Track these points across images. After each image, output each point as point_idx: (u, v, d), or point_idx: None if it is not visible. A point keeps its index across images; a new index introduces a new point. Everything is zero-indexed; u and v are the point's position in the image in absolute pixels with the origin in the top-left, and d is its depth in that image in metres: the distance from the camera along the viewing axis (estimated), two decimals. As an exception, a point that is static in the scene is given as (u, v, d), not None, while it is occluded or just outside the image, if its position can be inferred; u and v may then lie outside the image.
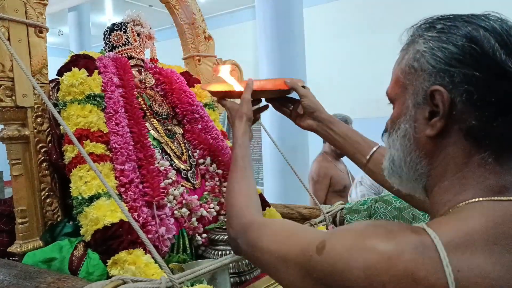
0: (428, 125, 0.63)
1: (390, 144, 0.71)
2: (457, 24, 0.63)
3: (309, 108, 1.16)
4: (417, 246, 0.53)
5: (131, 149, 1.19)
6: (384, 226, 0.58)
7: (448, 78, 0.60)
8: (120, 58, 1.40)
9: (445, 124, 0.61)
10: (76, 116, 1.17)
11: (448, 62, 0.60)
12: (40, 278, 0.91)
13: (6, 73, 1.14)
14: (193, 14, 1.81)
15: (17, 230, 1.16)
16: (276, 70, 4.83)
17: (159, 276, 0.88)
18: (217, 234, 1.18)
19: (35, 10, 1.21)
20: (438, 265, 0.51)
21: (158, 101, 1.46)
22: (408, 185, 0.70)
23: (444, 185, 0.63)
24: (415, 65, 0.64)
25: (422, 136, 0.64)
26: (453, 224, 0.57)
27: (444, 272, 0.50)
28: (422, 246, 0.53)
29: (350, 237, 0.58)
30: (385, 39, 8.56)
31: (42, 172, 1.22)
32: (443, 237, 0.53)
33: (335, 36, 9.02)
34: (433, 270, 0.51)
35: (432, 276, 0.51)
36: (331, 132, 1.13)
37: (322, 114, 1.15)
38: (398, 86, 0.69)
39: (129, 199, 1.11)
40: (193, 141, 1.46)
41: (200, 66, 1.85)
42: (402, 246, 0.53)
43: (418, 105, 0.64)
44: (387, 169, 0.72)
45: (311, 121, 1.17)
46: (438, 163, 0.64)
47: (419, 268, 0.51)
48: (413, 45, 0.67)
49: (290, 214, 1.65)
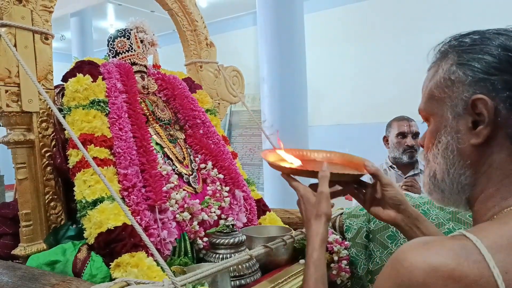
0: (473, 134, 0.64)
1: (430, 159, 0.71)
2: (488, 36, 0.65)
3: (395, 200, 1.00)
4: (459, 251, 0.53)
5: (134, 153, 1.21)
6: (421, 241, 0.59)
7: (490, 86, 0.61)
8: (123, 64, 1.43)
9: (491, 131, 0.62)
10: (80, 121, 1.20)
11: (486, 71, 0.62)
12: (45, 280, 0.92)
13: (13, 78, 1.16)
14: (195, 21, 1.84)
15: (21, 233, 1.18)
16: (277, 75, 4.86)
17: (161, 279, 0.90)
18: (218, 238, 1.20)
19: (41, 17, 1.24)
20: (485, 268, 0.51)
21: (160, 106, 1.48)
22: (450, 198, 0.70)
23: (490, 192, 0.64)
24: (452, 78, 0.66)
25: (466, 146, 0.65)
26: (496, 228, 0.58)
27: (492, 274, 0.51)
28: (464, 250, 0.53)
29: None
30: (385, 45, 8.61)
31: (46, 176, 1.24)
32: (485, 240, 0.54)
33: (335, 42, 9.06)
34: (481, 273, 0.51)
35: (481, 279, 0.51)
36: (416, 230, 0.97)
37: (409, 208, 0.99)
38: (433, 101, 0.70)
39: (132, 202, 1.13)
40: (194, 146, 1.48)
41: (202, 72, 1.88)
42: (444, 255, 0.54)
43: (459, 116, 0.65)
44: (427, 185, 0.73)
45: (394, 214, 1.00)
46: (483, 171, 0.65)
47: (467, 273, 0.52)
48: (445, 60, 0.68)
49: (290, 219, 1.66)
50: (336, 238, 1.35)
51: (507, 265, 0.52)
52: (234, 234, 1.20)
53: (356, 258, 1.38)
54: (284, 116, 4.76)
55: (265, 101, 4.99)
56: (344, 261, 1.31)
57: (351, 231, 1.42)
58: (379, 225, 1.36)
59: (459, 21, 7.40)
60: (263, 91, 5.01)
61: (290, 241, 1.27)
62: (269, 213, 1.57)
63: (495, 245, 0.53)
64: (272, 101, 4.89)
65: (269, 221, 1.54)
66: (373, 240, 1.37)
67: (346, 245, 1.36)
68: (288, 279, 1.16)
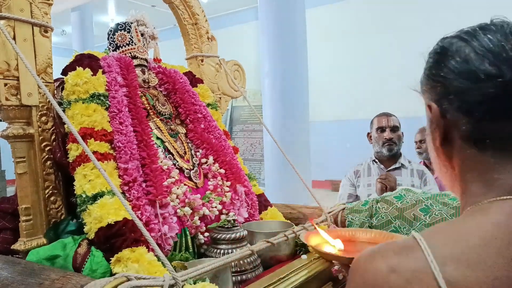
0: (435, 137, 0.68)
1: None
2: (440, 42, 0.69)
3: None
4: (402, 250, 0.57)
5: (134, 148, 1.20)
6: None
7: (436, 92, 0.65)
8: (124, 57, 1.41)
9: (444, 133, 0.66)
10: (80, 115, 1.19)
11: (433, 78, 0.66)
12: (44, 275, 0.92)
13: (12, 72, 1.15)
14: (196, 15, 1.82)
15: (21, 228, 1.18)
16: (278, 70, 4.84)
17: (162, 274, 0.89)
18: (219, 233, 1.19)
19: (40, 10, 1.22)
20: (424, 261, 0.54)
21: (161, 100, 1.47)
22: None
23: (462, 188, 0.67)
24: (421, 87, 0.71)
25: (438, 147, 0.69)
26: (445, 226, 0.62)
27: (430, 266, 0.53)
28: (407, 248, 0.57)
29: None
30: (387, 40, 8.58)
31: (46, 170, 1.23)
32: (435, 249, 0.55)
33: (337, 37, 9.03)
34: (419, 266, 0.54)
35: (420, 271, 0.54)
36: None
37: None
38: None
39: (133, 197, 1.12)
40: (195, 140, 1.47)
41: (203, 66, 1.86)
42: (389, 255, 0.58)
43: (429, 121, 0.70)
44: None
45: None
46: (455, 169, 0.68)
47: (407, 267, 0.55)
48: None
49: (292, 214, 1.66)
50: (338, 233, 1.34)
51: (443, 258, 0.53)
52: (235, 229, 1.19)
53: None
54: (285, 111, 4.74)
55: (266, 96, 4.97)
56: (346, 257, 1.30)
57: (353, 226, 1.41)
58: (382, 221, 1.35)
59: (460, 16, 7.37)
60: (264, 86, 4.99)
61: (291, 236, 1.26)
62: (270, 208, 1.56)
63: (434, 238, 0.57)
64: (273, 96, 4.87)
65: (271, 216, 1.53)
66: (375, 236, 1.36)
67: (348, 240, 1.35)
68: (289, 274, 1.15)
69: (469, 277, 0.52)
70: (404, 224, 1.31)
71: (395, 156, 2.57)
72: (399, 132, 2.59)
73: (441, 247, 0.55)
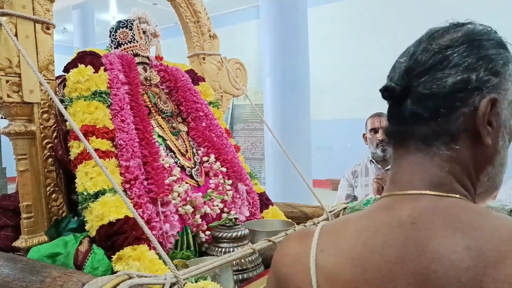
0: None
1: None
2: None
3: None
4: (299, 234, 0.68)
5: (136, 145, 1.20)
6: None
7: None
8: (126, 55, 1.41)
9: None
10: (82, 113, 1.18)
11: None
12: (46, 272, 0.91)
13: (13, 69, 1.14)
14: (198, 13, 1.82)
15: (22, 225, 1.17)
16: (279, 69, 4.83)
17: (163, 272, 0.88)
18: (221, 232, 1.19)
19: (42, 7, 1.22)
20: (308, 246, 0.63)
21: (163, 98, 1.47)
22: None
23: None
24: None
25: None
26: (341, 223, 0.69)
27: (310, 251, 0.62)
28: (304, 233, 0.66)
29: None
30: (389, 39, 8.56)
31: (47, 168, 1.22)
32: (325, 225, 0.66)
33: (338, 36, 9.01)
34: (303, 249, 0.63)
35: (300, 254, 0.63)
36: None
37: None
38: None
39: (134, 195, 1.11)
40: (197, 138, 1.47)
41: (205, 64, 1.86)
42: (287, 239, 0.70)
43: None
44: None
45: None
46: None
47: (291, 250, 0.66)
48: None
49: (293, 213, 1.65)
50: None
51: (324, 245, 0.61)
52: (236, 227, 1.19)
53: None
54: (287, 111, 4.74)
55: (267, 95, 4.97)
56: (348, 256, 1.30)
57: (355, 225, 1.40)
58: (383, 220, 1.35)
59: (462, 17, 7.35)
60: (266, 84, 4.98)
61: (293, 235, 1.25)
62: (271, 207, 1.56)
63: (328, 228, 0.64)
64: (275, 95, 4.87)
65: (272, 215, 1.53)
66: (376, 235, 1.36)
67: (349, 239, 1.35)
68: (291, 273, 1.15)
69: (336, 262, 0.59)
70: (406, 223, 1.30)
71: (388, 156, 2.57)
72: None
73: (327, 235, 0.63)
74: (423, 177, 0.61)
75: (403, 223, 0.58)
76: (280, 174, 4.64)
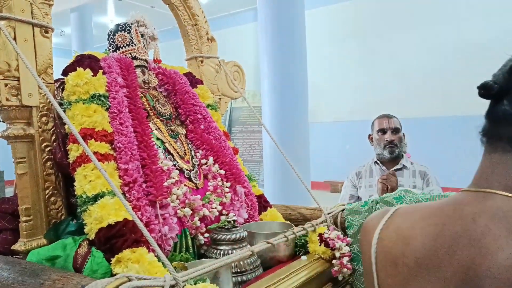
0: None
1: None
2: None
3: None
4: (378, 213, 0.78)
5: (135, 148, 1.20)
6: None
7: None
8: (124, 58, 1.41)
9: None
10: (80, 116, 1.18)
11: None
12: (45, 275, 0.92)
13: (12, 72, 1.15)
14: (196, 16, 1.83)
15: (21, 228, 1.17)
16: (277, 72, 4.85)
17: (162, 275, 0.89)
18: (219, 234, 1.19)
19: (41, 10, 1.22)
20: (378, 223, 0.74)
21: (161, 101, 1.47)
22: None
23: None
24: None
25: None
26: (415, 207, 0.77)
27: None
28: (382, 212, 0.77)
29: None
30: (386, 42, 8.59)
31: (46, 171, 1.23)
32: (394, 217, 0.74)
33: (336, 38, 9.04)
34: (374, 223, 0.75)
35: (370, 227, 0.75)
36: None
37: None
38: None
39: (133, 198, 1.12)
40: (195, 141, 1.48)
41: (203, 67, 1.86)
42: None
43: None
44: None
45: None
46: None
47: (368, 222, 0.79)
48: None
49: (292, 215, 1.66)
50: (338, 234, 1.35)
51: (390, 223, 0.72)
52: (235, 230, 1.20)
53: (358, 255, 1.37)
54: (285, 113, 4.75)
55: (265, 97, 4.98)
56: (346, 258, 1.30)
57: (353, 227, 1.41)
58: (381, 222, 1.36)
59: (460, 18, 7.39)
60: (264, 87, 4.99)
61: (291, 237, 1.26)
62: (270, 209, 1.57)
63: (402, 210, 0.73)
64: (273, 98, 4.88)
65: (270, 217, 1.53)
66: (375, 237, 1.36)
67: (347, 241, 1.35)
68: (289, 275, 1.15)
69: (392, 238, 0.69)
70: (404, 225, 1.31)
71: (396, 158, 2.57)
72: (400, 133, 2.59)
73: (398, 216, 0.72)
74: (501, 178, 0.63)
75: (464, 217, 0.61)
76: (278, 176, 4.65)
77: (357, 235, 1.39)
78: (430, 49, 7.59)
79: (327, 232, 1.34)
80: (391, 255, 0.67)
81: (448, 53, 7.37)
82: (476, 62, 6.90)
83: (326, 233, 1.33)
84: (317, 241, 1.32)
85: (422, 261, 0.62)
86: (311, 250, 1.33)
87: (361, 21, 8.72)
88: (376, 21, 8.45)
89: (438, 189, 2.45)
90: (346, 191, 2.70)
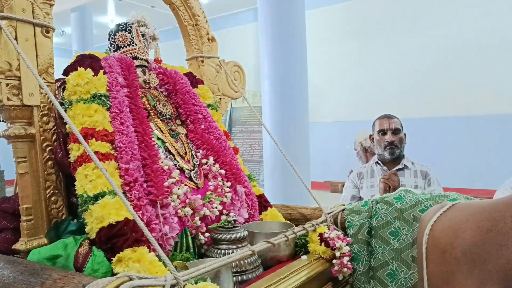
0: None
1: None
2: None
3: None
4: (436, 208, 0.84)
5: (135, 148, 1.20)
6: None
7: None
8: (125, 58, 1.42)
9: None
10: (81, 115, 1.19)
11: None
12: (46, 274, 0.92)
13: (13, 72, 1.15)
14: (196, 16, 1.83)
15: (22, 228, 1.18)
16: (277, 72, 4.85)
17: (163, 274, 0.89)
18: (220, 233, 1.19)
19: (42, 10, 1.23)
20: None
21: (162, 101, 1.47)
22: None
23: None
24: None
25: None
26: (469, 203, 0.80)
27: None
28: (440, 206, 0.83)
29: None
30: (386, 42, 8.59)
31: (47, 170, 1.23)
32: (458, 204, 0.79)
33: (336, 39, 9.04)
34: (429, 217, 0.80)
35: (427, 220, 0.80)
36: None
37: None
38: None
39: (134, 197, 1.12)
40: (196, 141, 1.48)
41: (203, 67, 1.87)
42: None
43: None
44: None
45: None
46: None
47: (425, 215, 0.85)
48: None
49: (292, 215, 1.66)
50: (338, 234, 1.35)
51: (443, 216, 0.78)
52: (236, 229, 1.20)
53: (358, 254, 1.37)
54: (285, 113, 4.75)
55: (265, 97, 4.98)
56: (346, 257, 1.30)
57: (353, 227, 1.41)
58: (381, 221, 1.36)
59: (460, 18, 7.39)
60: (264, 87, 5.00)
61: (292, 236, 1.26)
62: (270, 209, 1.57)
63: (460, 205, 0.77)
64: (273, 98, 4.88)
65: (271, 216, 1.54)
66: (375, 236, 1.36)
67: (348, 241, 1.35)
68: (290, 275, 1.16)
69: (443, 228, 0.73)
70: (404, 225, 1.31)
71: (397, 158, 2.57)
72: (401, 134, 2.58)
73: (454, 210, 0.76)
74: None
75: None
76: (279, 176, 4.65)
77: (357, 234, 1.39)
78: (430, 49, 7.59)
79: (327, 232, 1.34)
80: (440, 245, 0.71)
81: (448, 53, 7.38)
82: (476, 62, 6.91)
83: (326, 233, 1.33)
84: (318, 241, 1.33)
85: (469, 253, 0.65)
86: (311, 249, 1.33)
87: (361, 21, 8.73)
88: (376, 21, 8.46)
89: (440, 189, 2.46)
90: (347, 191, 2.70)
